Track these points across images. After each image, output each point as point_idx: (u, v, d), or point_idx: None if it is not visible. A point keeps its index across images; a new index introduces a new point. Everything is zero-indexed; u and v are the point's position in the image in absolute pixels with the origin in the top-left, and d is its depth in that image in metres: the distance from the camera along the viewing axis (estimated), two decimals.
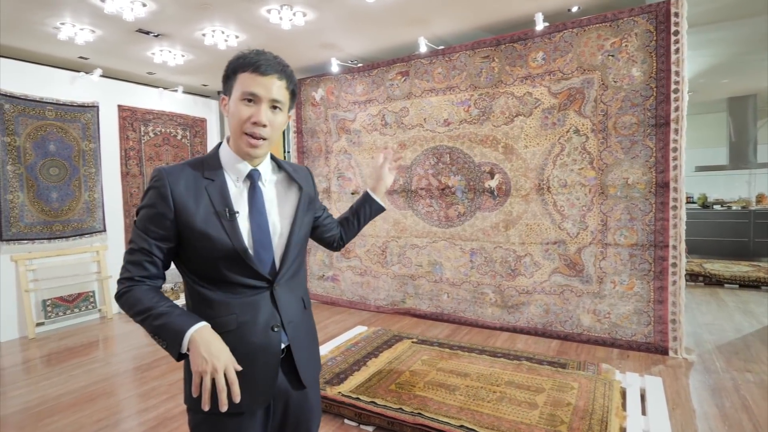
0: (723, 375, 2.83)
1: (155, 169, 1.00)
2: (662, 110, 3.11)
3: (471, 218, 3.97)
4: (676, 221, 3.11)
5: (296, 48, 4.22)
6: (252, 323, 1.02)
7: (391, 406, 2.35)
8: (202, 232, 0.99)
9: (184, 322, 0.93)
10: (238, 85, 1.01)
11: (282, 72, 1.02)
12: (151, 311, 0.94)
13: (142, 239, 0.99)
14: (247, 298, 1.03)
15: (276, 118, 1.03)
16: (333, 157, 4.78)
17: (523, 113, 3.64)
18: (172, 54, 4.23)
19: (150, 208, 0.99)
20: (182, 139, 5.44)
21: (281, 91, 1.02)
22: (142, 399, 2.73)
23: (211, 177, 1.03)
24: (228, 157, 1.06)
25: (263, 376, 1.03)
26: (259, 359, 1.02)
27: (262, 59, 1.00)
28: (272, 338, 1.04)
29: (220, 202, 1.01)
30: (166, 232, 1.00)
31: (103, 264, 4.57)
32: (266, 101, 1.00)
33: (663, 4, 3.06)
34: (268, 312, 1.04)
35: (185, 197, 0.99)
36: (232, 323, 1.00)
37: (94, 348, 3.70)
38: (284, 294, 1.08)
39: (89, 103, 4.50)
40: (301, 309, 1.13)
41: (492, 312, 3.88)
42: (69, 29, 3.51)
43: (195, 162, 1.05)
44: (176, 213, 0.98)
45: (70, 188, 4.36)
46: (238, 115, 1.00)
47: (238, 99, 1.00)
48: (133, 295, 0.98)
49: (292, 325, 1.09)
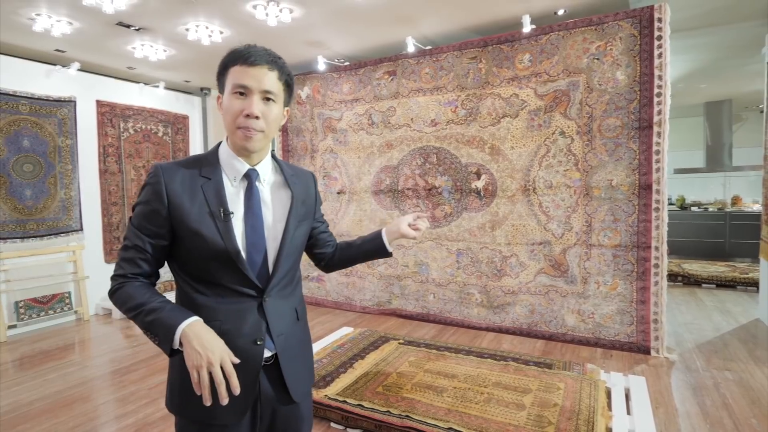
0: (703, 374, 2.89)
1: (152, 165, 1.00)
2: (645, 113, 3.16)
3: (457, 219, 3.98)
4: (659, 222, 3.17)
5: (282, 45, 4.15)
6: (235, 333, 0.98)
7: (379, 409, 2.32)
8: (196, 231, 0.97)
9: (176, 317, 0.91)
10: (229, 80, 0.99)
11: (273, 63, 0.99)
12: (143, 307, 0.93)
13: (136, 236, 0.98)
14: (234, 306, 1.00)
15: (270, 110, 1.00)
16: (319, 156, 4.73)
17: (509, 114, 3.66)
18: (153, 49, 4.12)
19: (145, 205, 0.98)
20: (163, 136, 5.31)
21: (273, 81, 0.99)
22: (121, 404, 2.64)
23: (208, 176, 1.01)
24: (226, 156, 1.04)
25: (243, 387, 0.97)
26: (238, 372, 0.96)
27: (252, 51, 0.98)
28: (254, 352, 1.00)
29: (216, 202, 0.99)
30: (160, 230, 0.98)
31: (79, 264, 4.43)
32: (257, 92, 0.97)
33: (647, 9, 3.11)
34: (254, 323, 1.01)
35: (180, 195, 0.98)
36: (216, 330, 0.95)
37: (70, 351, 3.58)
38: (275, 304, 1.04)
39: (66, 98, 4.35)
40: (293, 320, 1.10)
41: (478, 312, 3.89)
42: (45, 20, 3.38)
43: (193, 160, 1.04)
44: (170, 210, 0.97)
45: (45, 185, 4.21)
46: (231, 110, 0.98)
47: (230, 93, 0.98)
48: (125, 292, 0.96)
49: (283, 338, 1.05)
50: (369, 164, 4.41)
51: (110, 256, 4.79)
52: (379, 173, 4.36)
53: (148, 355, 3.41)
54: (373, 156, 4.37)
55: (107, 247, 4.77)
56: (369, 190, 4.42)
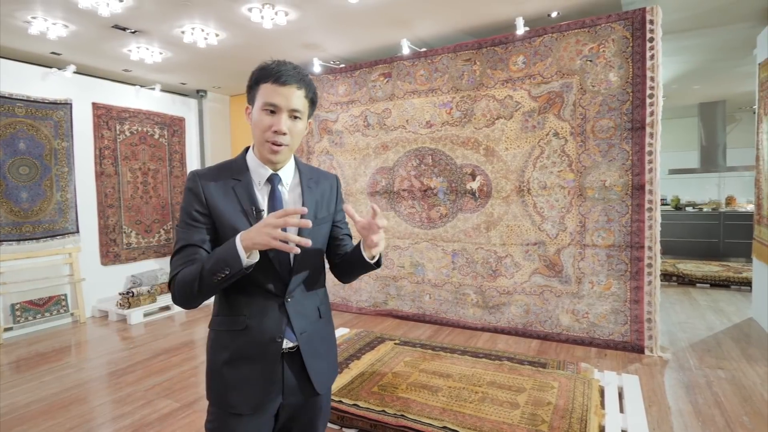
0: (696, 372, 2.91)
1: (190, 172, 1.10)
2: (638, 114, 3.19)
3: (453, 219, 4.00)
4: (652, 223, 3.20)
5: (278, 47, 4.17)
6: (257, 329, 1.06)
7: (374, 409, 2.34)
8: (232, 227, 1.05)
9: (227, 243, 0.98)
10: (260, 96, 1.06)
11: (301, 81, 1.06)
12: (202, 265, 0.99)
13: (186, 238, 1.05)
14: (259, 303, 1.07)
15: (296, 125, 1.08)
16: (314, 157, 4.75)
17: (504, 116, 3.68)
18: (149, 51, 4.13)
19: (188, 207, 1.07)
20: (160, 138, 5.31)
21: (300, 100, 1.07)
22: (117, 406, 2.65)
23: (238, 177, 1.10)
24: (252, 163, 1.13)
25: (263, 381, 1.07)
26: (257, 365, 1.07)
27: (283, 70, 1.05)
28: (273, 348, 1.07)
29: (247, 201, 1.08)
30: (206, 227, 1.07)
31: (75, 266, 4.43)
32: (286, 110, 1.05)
33: (639, 12, 3.14)
34: (276, 320, 1.08)
35: (215, 195, 1.07)
36: (241, 323, 1.07)
37: (66, 353, 3.58)
38: (298, 303, 1.11)
39: (62, 100, 4.36)
40: (315, 318, 1.16)
41: (473, 312, 3.91)
42: (41, 23, 3.39)
43: (224, 165, 1.14)
44: (210, 209, 1.06)
45: (41, 188, 4.21)
46: (260, 125, 1.06)
47: (260, 109, 1.06)
48: (182, 274, 1.01)
49: (306, 335, 1.12)
50: (365, 166, 4.43)
51: (106, 258, 4.79)
52: (374, 175, 4.38)
53: (145, 357, 3.42)
54: (369, 157, 4.39)
55: (103, 249, 4.77)
56: (365, 191, 4.44)
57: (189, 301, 1.02)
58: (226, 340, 1.09)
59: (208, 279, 0.97)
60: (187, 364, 3.26)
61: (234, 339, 1.07)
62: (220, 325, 1.11)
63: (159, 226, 5.31)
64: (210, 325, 1.15)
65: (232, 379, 1.07)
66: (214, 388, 1.10)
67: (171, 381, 2.97)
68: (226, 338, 1.09)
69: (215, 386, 1.10)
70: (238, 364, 1.07)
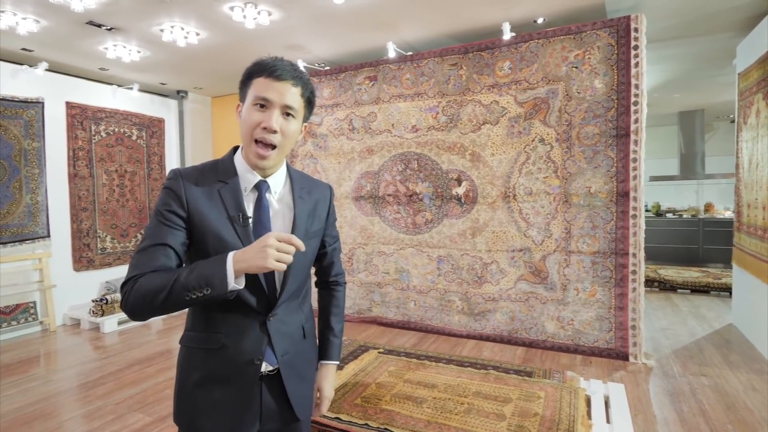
0: (680, 379, 2.91)
1: (171, 170, 0.99)
2: (623, 121, 3.19)
3: (438, 225, 3.95)
4: (636, 229, 3.20)
5: (261, 48, 4.08)
6: (234, 349, 0.97)
7: (356, 422, 2.26)
8: (216, 234, 0.95)
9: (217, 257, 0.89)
10: (251, 91, 0.98)
11: (298, 78, 0.98)
12: (176, 276, 0.87)
13: (156, 236, 0.93)
14: (239, 319, 0.98)
15: (288, 125, 0.98)
16: (298, 161, 4.65)
17: (490, 121, 3.66)
18: (127, 49, 3.99)
19: (164, 206, 0.95)
20: (137, 139, 5.15)
21: (295, 97, 0.98)
22: (85, 421, 2.50)
23: (225, 180, 1.00)
24: (240, 166, 1.03)
25: (238, 406, 0.99)
26: (232, 388, 0.98)
27: (279, 64, 0.97)
28: (250, 371, 0.98)
29: (234, 207, 0.98)
30: (180, 231, 0.95)
31: (46, 272, 4.23)
32: (278, 107, 0.96)
33: (624, 19, 3.16)
34: (255, 340, 0.98)
35: (198, 199, 0.96)
36: (217, 341, 0.97)
37: (34, 364, 3.40)
38: (281, 322, 1.02)
39: (33, 99, 4.18)
40: (299, 339, 1.07)
41: (459, 319, 3.86)
42: (9, 18, 3.23)
43: (209, 165, 1.04)
44: (189, 213, 0.95)
45: (9, 190, 4.02)
46: (249, 121, 0.97)
47: (251, 104, 0.97)
48: (144, 281, 0.88)
49: (288, 357, 1.03)
50: (349, 170, 4.35)
51: (79, 264, 4.60)
52: (359, 179, 4.30)
53: (117, 368, 3.26)
54: (354, 162, 4.32)
55: (76, 254, 4.58)
56: (349, 196, 4.36)
57: (144, 313, 0.89)
58: (198, 359, 0.99)
59: (179, 294, 0.85)
60: (162, 375, 3.12)
61: (208, 358, 0.98)
62: (193, 341, 1.01)
63: (136, 231, 5.14)
64: (181, 341, 1.04)
65: (203, 402, 0.98)
66: (184, 412, 1.01)
67: (144, 393, 2.84)
68: (199, 357, 0.99)
69: (184, 409, 1.01)
70: (210, 386, 0.97)
